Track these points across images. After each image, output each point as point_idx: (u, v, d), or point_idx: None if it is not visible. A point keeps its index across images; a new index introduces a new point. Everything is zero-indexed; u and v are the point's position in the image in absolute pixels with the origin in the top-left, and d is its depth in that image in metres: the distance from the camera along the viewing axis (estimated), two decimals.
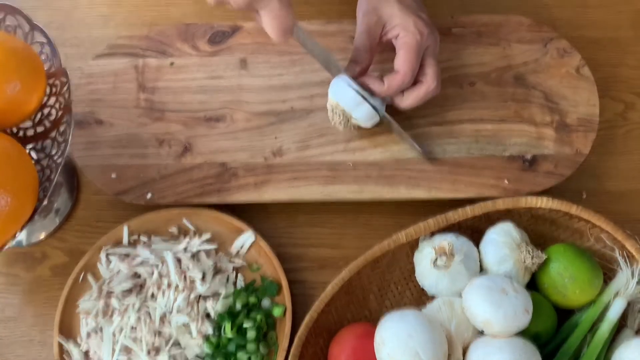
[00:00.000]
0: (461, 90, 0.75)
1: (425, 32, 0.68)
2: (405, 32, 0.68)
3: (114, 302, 0.68)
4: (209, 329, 0.68)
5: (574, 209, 0.66)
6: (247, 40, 0.79)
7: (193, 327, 0.67)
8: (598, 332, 0.63)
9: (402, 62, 0.68)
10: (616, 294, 0.65)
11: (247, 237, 0.72)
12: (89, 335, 0.69)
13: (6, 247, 0.61)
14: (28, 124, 0.69)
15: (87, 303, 0.69)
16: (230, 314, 0.68)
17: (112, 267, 0.70)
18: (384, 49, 0.73)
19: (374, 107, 0.69)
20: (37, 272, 0.74)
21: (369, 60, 0.70)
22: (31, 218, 0.62)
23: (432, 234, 0.68)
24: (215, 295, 0.70)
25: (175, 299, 0.68)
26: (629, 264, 0.65)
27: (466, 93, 0.75)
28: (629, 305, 0.65)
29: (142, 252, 0.70)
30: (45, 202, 0.63)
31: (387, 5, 0.69)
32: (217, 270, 0.71)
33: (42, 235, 0.75)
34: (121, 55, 0.79)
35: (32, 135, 0.69)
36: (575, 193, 0.75)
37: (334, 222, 0.75)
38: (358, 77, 0.70)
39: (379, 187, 0.72)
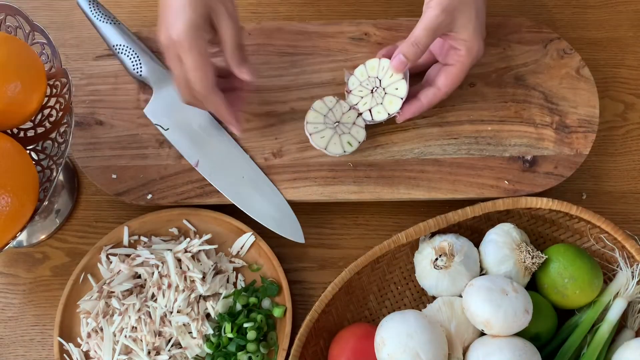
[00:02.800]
0: (461, 91, 0.75)
1: (480, 56, 0.69)
2: (466, 52, 0.68)
3: (114, 302, 0.69)
4: (209, 329, 0.68)
5: (574, 210, 0.66)
6: (247, 41, 0.79)
7: (193, 327, 0.67)
8: (598, 333, 0.63)
9: (448, 81, 0.69)
10: (616, 295, 0.65)
11: (247, 238, 0.72)
12: (89, 335, 0.69)
13: (7, 247, 0.61)
14: (28, 124, 0.69)
15: (88, 303, 0.69)
16: (231, 314, 0.68)
17: (113, 268, 0.70)
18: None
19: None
20: (37, 273, 0.74)
21: (419, 58, 0.69)
22: (32, 218, 0.62)
23: (432, 234, 0.68)
24: (216, 295, 0.70)
25: (175, 299, 0.68)
26: (628, 264, 0.65)
27: (466, 94, 0.76)
28: (629, 305, 0.65)
29: (143, 253, 0.70)
30: (45, 203, 0.63)
31: (465, 14, 0.66)
32: (217, 271, 0.71)
33: (43, 236, 0.75)
34: None
35: (32, 136, 0.70)
36: (575, 194, 0.75)
37: (333, 222, 0.75)
38: (402, 71, 0.69)
39: (378, 187, 0.72)
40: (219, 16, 0.62)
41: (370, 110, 0.71)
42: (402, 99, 0.70)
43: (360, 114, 0.72)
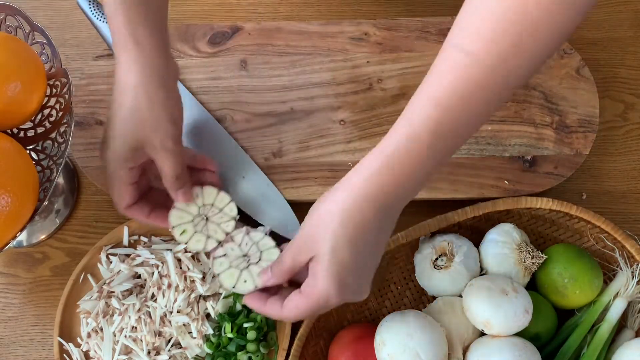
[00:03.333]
0: None
1: (333, 303, 0.53)
2: (316, 291, 0.52)
3: (114, 302, 0.69)
4: (209, 329, 0.68)
5: (574, 210, 0.66)
6: (247, 41, 0.79)
7: (193, 327, 0.67)
8: (598, 333, 0.63)
9: (289, 310, 0.55)
10: (616, 295, 0.65)
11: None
12: (89, 335, 0.69)
13: (7, 247, 0.61)
14: (28, 124, 0.69)
15: (88, 303, 0.69)
16: (231, 314, 0.68)
17: (113, 268, 0.70)
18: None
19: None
20: (37, 273, 0.74)
21: (284, 278, 0.57)
22: (32, 218, 0.62)
23: (432, 234, 0.68)
24: (216, 295, 0.70)
25: (175, 300, 0.68)
26: (628, 264, 0.65)
27: None
28: (629, 305, 0.65)
29: (143, 253, 0.70)
30: (45, 203, 0.63)
31: (321, 248, 0.52)
32: None
33: (43, 236, 0.75)
34: None
35: (32, 136, 0.69)
36: (575, 193, 0.75)
37: None
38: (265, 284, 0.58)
39: None
40: (153, 151, 0.61)
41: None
42: (255, 286, 0.60)
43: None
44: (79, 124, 0.75)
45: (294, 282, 0.57)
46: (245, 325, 0.67)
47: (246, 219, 0.71)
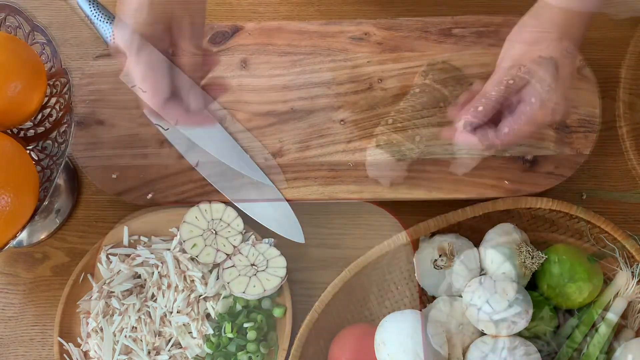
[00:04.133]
0: (462, 91, 0.75)
1: (556, 119, 0.60)
2: (536, 108, 0.59)
3: (114, 302, 0.69)
4: (209, 329, 0.68)
5: (574, 210, 0.66)
6: (247, 40, 0.79)
7: (193, 327, 0.67)
8: (598, 333, 0.63)
9: (510, 133, 0.60)
10: (616, 294, 0.65)
11: (247, 238, 0.72)
12: (89, 335, 0.69)
13: (7, 247, 0.61)
14: (29, 124, 0.69)
15: (88, 303, 0.69)
16: (231, 314, 0.68)
17: (113, 268, 0.70)
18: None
19: None
20: (37, 272, 0.74)
21: (491, 113, 0.60)
22: (32, 218, 0.62)
23: (432, 234, 0.68)
24: (216, 295, 0.70)
25: (175, 299, 0.68)
26: (628, 264, 0.65)
27: None
28: (629, 305, 0.65)
29: (143, 253, 0.70)
30: (46, 203, 0.63)
31: (540, 69, 0.59)
32: None
33: (43, 236, 0.75)
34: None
35: (32, 136, 0.69)
36: (575, 193, 0.75)
37: (334, 222, 0.75)
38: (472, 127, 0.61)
39: (378, 187, 0.72)
40: (180, 36, 0.58)
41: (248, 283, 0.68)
42: (281, 278, 0.68)
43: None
44: (79, 124, 0.75)
45: None
46: (245, 325, 0.67)
47: (245, 219, 0.71)
